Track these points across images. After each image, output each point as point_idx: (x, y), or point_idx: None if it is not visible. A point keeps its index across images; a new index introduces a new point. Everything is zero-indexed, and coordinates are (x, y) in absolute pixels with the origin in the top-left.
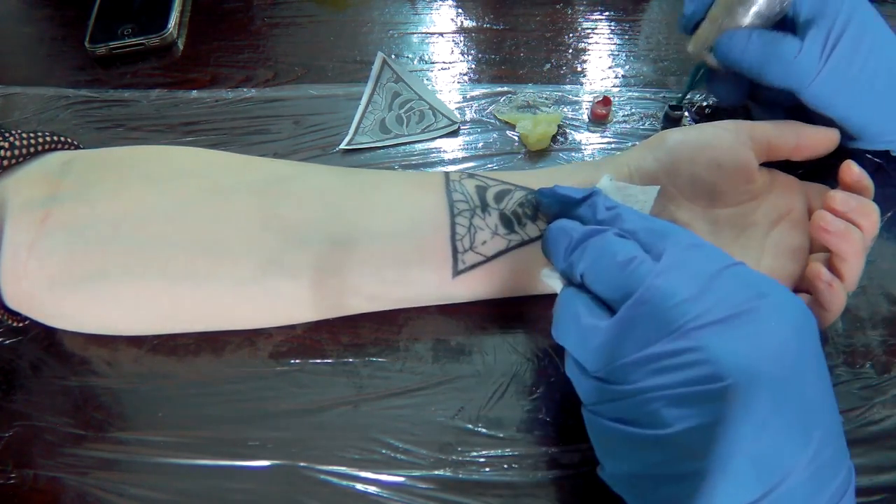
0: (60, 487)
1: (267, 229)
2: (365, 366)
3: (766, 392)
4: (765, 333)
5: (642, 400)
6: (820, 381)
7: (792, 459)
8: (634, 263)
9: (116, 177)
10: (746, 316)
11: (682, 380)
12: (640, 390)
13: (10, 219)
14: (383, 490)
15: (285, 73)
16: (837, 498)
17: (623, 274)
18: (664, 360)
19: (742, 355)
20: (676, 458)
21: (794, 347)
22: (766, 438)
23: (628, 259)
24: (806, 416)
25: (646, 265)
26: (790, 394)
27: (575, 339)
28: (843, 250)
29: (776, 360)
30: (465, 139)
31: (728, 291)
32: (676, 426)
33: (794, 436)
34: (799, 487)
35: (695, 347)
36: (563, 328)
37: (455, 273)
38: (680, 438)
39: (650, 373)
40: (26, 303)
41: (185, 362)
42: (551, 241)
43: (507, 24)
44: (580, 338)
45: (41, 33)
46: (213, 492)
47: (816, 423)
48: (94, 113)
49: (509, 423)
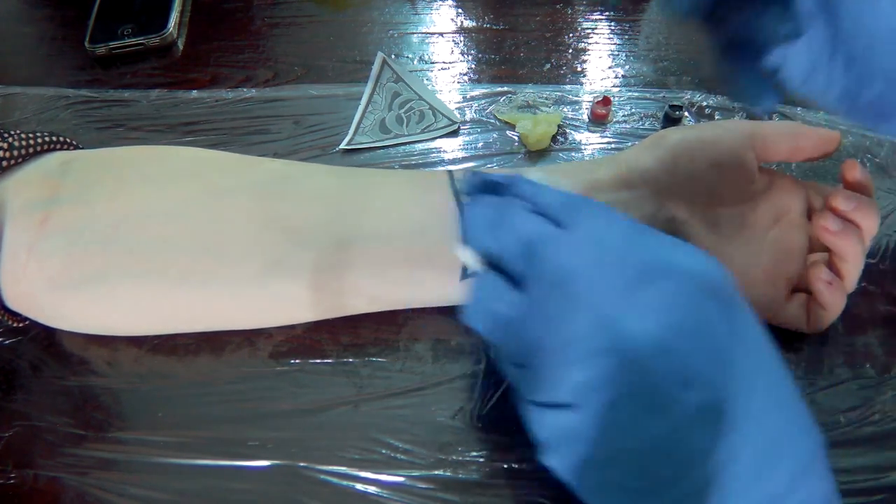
0: (60, 487)
1: (268, 230)
2: (365, 366)
3: (668, 362)
4: (666, 299)
5: (553, 382)
6: (735, 342)
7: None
8: (541, 239)
9: (116, 178)
10: (648, 282)
11: (584, 355)
12: (550, 373)
13: (10, 220)
14: (383, 490)
15: (285, 73)
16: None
17: (529, 251)
18: (568, 341)
19: (644, 325)
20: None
21: (698, 313)
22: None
23: (536, 235)
24: (722, 391)
25: (552, 241)
26: (698, 361)
27: (485, 322)
28: (844, 250)
29: (680, 329)
30: (465, 139)
31: (633, 261)
32: (584, 407)
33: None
34: None
35: (596, 321)
36: (472, 310)
37: (463, 275)
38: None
39: (557, 354)
40: (26, 304)
41: (185, 362)
42: (466, 213)
43: (507, 24)
44: (491, 320)
45: (41, 33)
46: (213, 492)
47: (737, 388)
48: (94, 113)
49: (509, 423)
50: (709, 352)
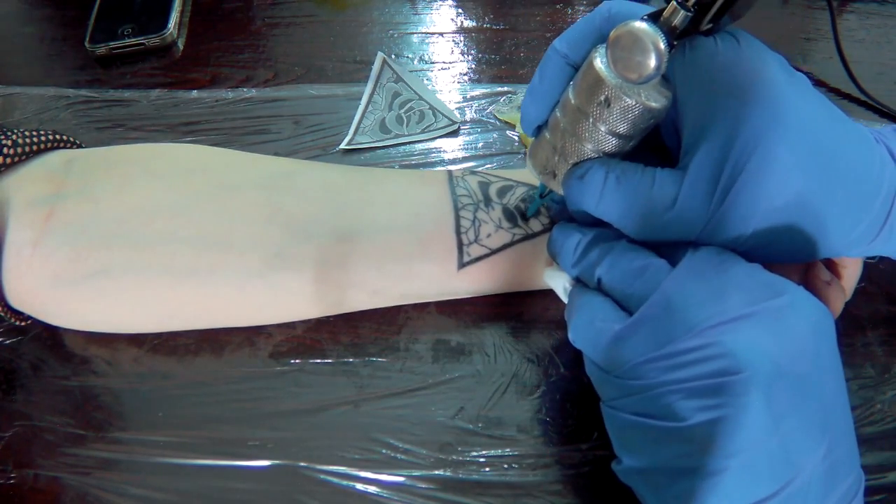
0: (60, 487)
1: (271, 223)
2: (365, 366)
3: (782, 387)
4: (783, 330)
5: (659, 394)
6: (836, 381)
7: (805, 457)
8: (651, 269)
9: (120, 174)
10: (764, 313)
11: (698, 373)
12: (657, 384)
13: (14, 216)
14: (383, 490)
15: (285, 73)
16: (848, 499)
17: (641, 279)
18: (681, 357)
19: (759, 349)
20: (693, 452)
21: (812, 345)
22: (781, 434)
23: (645, 265)
24: (821, 414)
25: (662, 270)
26: (807, 390)
27: (592, 342)
28: (842, 257)
29: (794, 355)
30: (465, 139)
31: (745, 291)
32: (693, 419)
33: (809, 433)
34: (811, 485)
35: (711, 343)
36: (580, 331)
37: (460, 265)
38: (696, 431)
39: (667, 368)
40: (29, 300)
41: (185, 362)
42: (558, 242)
43: (507, 24)
44: (597, 340)
45: (41, 33)
46: (213, 492)
47: (831, 422)
48: (94, 113)
49: (509, 423)
50: (815, 385)
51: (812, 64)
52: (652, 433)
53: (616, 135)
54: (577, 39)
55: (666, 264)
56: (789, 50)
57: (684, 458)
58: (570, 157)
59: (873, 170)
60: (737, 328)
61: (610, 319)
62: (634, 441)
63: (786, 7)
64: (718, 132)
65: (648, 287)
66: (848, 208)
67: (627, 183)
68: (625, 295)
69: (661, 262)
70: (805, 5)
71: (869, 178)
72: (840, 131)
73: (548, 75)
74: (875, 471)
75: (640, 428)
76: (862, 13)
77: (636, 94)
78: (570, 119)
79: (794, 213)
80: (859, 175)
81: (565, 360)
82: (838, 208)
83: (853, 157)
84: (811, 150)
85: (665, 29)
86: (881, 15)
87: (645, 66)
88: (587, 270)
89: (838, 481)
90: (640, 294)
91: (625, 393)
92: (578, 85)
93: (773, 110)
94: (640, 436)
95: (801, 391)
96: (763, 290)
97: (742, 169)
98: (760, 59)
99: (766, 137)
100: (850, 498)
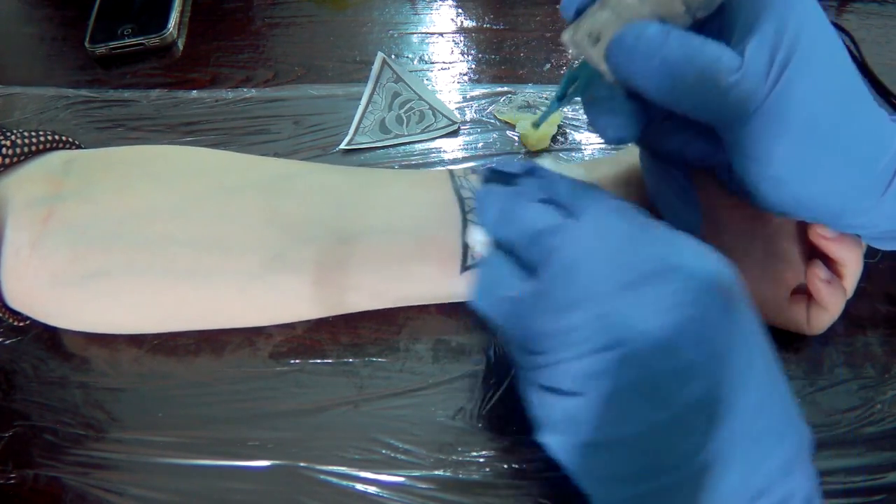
0: (60, 487)
1: (271, 225)
2: (365, 366)
3: (665, 359)
4: (671, 298)
5: (561, 367)
6: (734, 340)
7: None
8: (549, 228)
9: (120, 175)
10: (655, 279)
11: (590, 347)
12: (559, 360)
13: (12, 217)
14: (383, 490)
15: (285, 73)
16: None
17: (539, 241)
18: (576, 331)
19: (648, 323)
20: (596, 427)
21: (702, 312)
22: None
23: (544, 224)
24: (715, 389)
25: (560, 230)
26: (699, 359)
27: (491, 305)
28: (842, 256)
29: (678, 328)
30: (465, 139)
31: (640, 256)
32: (589, 392)
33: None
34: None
35: (600, 314)
36: (479, 293)
37: (463, 268)
38: (592, 407)
39: (566, 342)
40: (28, 301)
41: (185, 362)
42: (480, 199)
43: (507, 24)
44: (497, 303)
45: (41, 33)
46: (213, 492)
47: (733, 385)
48: (94, 113)
49: (509, 423)
50: (709, 350)
51: None
52: (555, 406)
53: None
54: None
55: (567, 225)
56: None
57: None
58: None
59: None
60: (625, 297)
61: (510, 284)
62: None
63: None
64: (770, 20)
65: (546, 251)
66: (862, 145)
67: (688, 45)
68: (528, 258)
69: (562, 223)
70: None
71: (879, 132)
72: (855, 75)
73: None
74: (875, 471)
75: (546, 402)
76: (862, 13)
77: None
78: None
79: (827, 121)
80: (871, 124)
81: None
82: (856, 140)
83: (865, 104)
84: (836, 69)
85: None
86: (881, 15)
87: None
88: (497, 232)
89: (769, 449)
90: (540, 258)
91: (530, 365)
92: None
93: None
94: (549, 409)
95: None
96: (659, 253)
97: (793, 53)
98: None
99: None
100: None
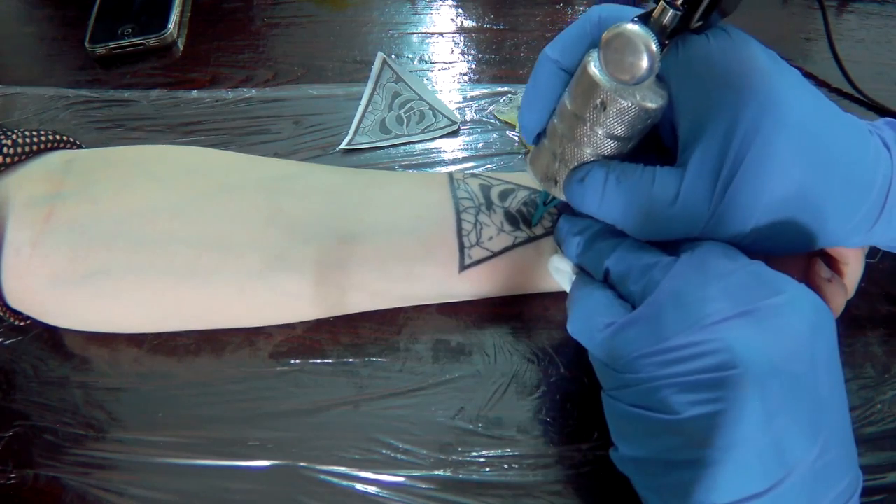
0: (60, 487)
1: (272, 225)
2: (365, 366)
3: (777, 384)
4: (780, 327)
5: (655, 387)
6: (832, 381)
7: (798, 456)
8: (658, 267)
9: (120, 174)
10: (763, 311)
11: (693, 369)
12: (652, 378)
13: (13, 216)
14: (383, 490)
15: (285, 73)
16: (843, 501)
17: (647, 276)
18: (677, 352)
19: (756, 346)
20: (686, 445)
21: (809, 343)
22: (774, 431)
23: (653, 262)
24: (816, 413)
25: (665, 267)
26: (801, 390)
27: (588, 334)
28: (844, 254)
29: (790, 353)
30: (465, 139)
31: (744, 289)
32: (687, 412)
33: (803, 432)
34: (803, 485)
35: (709, 339)
36: (578, 323)
37: (462, 268)
38: (690, 425)
39: (663, 364)
40: (28, 300)
41: (185, 362)
42: (563, 230)
43: (507, 24)
44: (593, 333)
45: (41, 33)
46: (213, 492)
47: (826, 422)
48: (94, 113)
49: (509, 423)
50: (811, 384)
51: (812, 64)
52: (647, 424)
53: (614, 137)
54: (568, 45)
55: (669, 260)
56: (789, 50)
57: (677, 451)
58: (570, 161)
59: (868, 158)
60: (733, 326)
61: (609, 314)
62: (631, 431)
63: (785, 7)
64: (716, 126)
65: (652, 284)
66: (846, 196)
67: (628, 182)
68: (629, 290)
69: (668, 260)
70: (805, 5)
71: (864, 166)
72: (834, 121)
73: (542, 82)
74: (875, 471)
75: (637, 419)
76: (862, 13)
77: (631, 95)
78: (568, 125)
79: (794, 203)
80: (855, 163)
81: (565, 360)
82: (836, 196)
83: (848, 145)
84: (807, 140)
85: (656, 29)
86: (881, 15)
87: (637, 67)
88: (593, 261)
89: (833, 482)
90: (643, 290)
91: (622, 384)
92: (574, 90)
93: (769, 102)
94: (636, 426)
95: (796, 390)
96: (761, 288)
97: (742, 160)
98: (752, 53)
99: (764, 128)
100: (846, 499)
